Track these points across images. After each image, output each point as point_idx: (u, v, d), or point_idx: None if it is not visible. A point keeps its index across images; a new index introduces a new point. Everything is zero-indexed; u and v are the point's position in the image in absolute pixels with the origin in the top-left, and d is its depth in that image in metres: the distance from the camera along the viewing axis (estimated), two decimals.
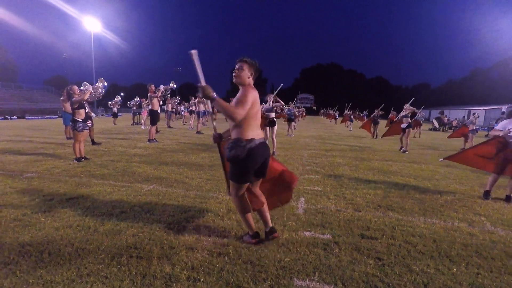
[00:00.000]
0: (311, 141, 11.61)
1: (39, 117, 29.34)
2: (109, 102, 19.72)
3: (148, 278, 2.06)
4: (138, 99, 18.90)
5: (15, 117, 26.67)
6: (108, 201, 3.58)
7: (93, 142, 8.46)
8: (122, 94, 32.65)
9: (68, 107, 10.07)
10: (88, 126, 6.18)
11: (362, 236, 2.86)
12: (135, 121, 19.30)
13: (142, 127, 16.38)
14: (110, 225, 2.89)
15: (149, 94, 9.09)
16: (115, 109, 20.15)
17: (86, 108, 6.11)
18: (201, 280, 2.06)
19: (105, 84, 7.85)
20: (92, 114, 8.37)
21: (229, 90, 78.57)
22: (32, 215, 3.07)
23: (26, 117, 27.52)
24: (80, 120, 5.77)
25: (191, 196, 3.90)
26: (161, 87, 9.58)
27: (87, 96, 5.95)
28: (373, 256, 2.48)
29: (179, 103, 23.29)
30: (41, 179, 4.51)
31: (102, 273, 2.09)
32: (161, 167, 5.58)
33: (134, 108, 19.23)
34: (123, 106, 24.34)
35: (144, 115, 19.85)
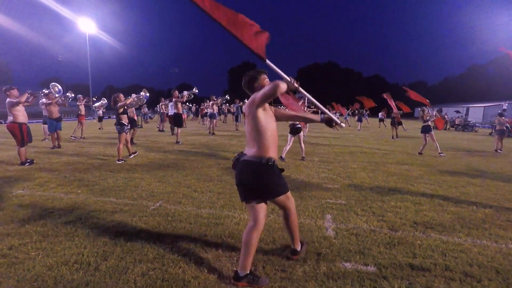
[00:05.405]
0: (317, 143, 11.19)
1: (34, 121, 28.56)
2: (94, 105, 15.04)
3: None
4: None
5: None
6: (111, 226, 3.12)
7: (132, 142, 9.15)
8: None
9: (55, 112, 9.60)
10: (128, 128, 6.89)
11: (412, 267, 2.43)
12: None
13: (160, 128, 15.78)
14: (114, 260, 2.43)
15: (173, 99, 10.16)
16: (100, 112, 18.52)
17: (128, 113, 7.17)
18: None
19: (147, 94, 8.16)
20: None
21: (227, 90, 78.17)
22: (21, 249, 2.60)
23: None
24: (126, 123, 6.65)
25: (204, 216, 3.45)
26: (185, 93, 10.53)
27: (129, 101, 6.98)
28: None
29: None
30: (33, 198, 4.02)
31: None
32: (166, 179, 5.11)
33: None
34: (111, 108, 22.67)
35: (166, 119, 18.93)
